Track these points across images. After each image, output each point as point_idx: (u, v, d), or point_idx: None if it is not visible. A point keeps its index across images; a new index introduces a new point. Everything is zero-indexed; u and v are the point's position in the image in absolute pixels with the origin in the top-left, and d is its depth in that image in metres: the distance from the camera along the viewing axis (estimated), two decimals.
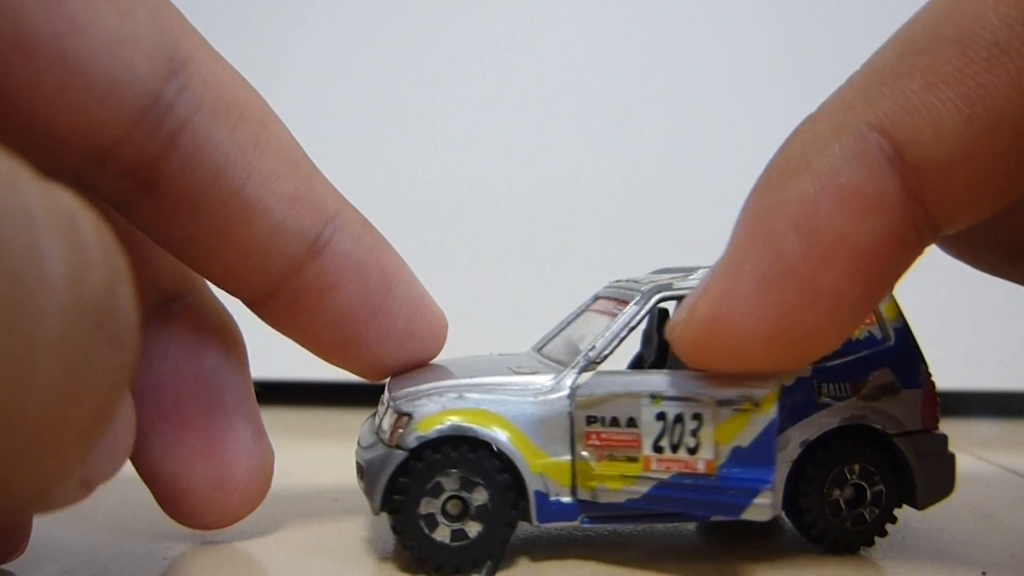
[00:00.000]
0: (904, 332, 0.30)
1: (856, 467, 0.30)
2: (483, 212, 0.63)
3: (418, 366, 0.32)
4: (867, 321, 0.30)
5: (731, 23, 0.62)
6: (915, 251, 0.23)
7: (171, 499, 0.30)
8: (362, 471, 0.29)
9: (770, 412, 0.25)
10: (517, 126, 0.63)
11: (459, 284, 0.60)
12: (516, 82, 0.63)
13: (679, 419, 0.27)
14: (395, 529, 0.28)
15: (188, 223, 0.26)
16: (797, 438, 0.29)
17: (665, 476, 0.27)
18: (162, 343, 0.30)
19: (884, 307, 0.30)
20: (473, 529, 0.28)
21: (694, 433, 0.26)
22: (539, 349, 0.34)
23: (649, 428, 0.27)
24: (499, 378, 0.29)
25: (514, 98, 0.63)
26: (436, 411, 0.28)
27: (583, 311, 0.34)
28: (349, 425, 0.36)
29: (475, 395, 0.29)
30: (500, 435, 0.28)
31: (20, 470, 0.15)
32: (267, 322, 0.30)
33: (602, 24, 0.63)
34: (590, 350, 0.29)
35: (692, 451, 0.27)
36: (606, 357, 0.29)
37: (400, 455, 0.28)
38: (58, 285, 0.14)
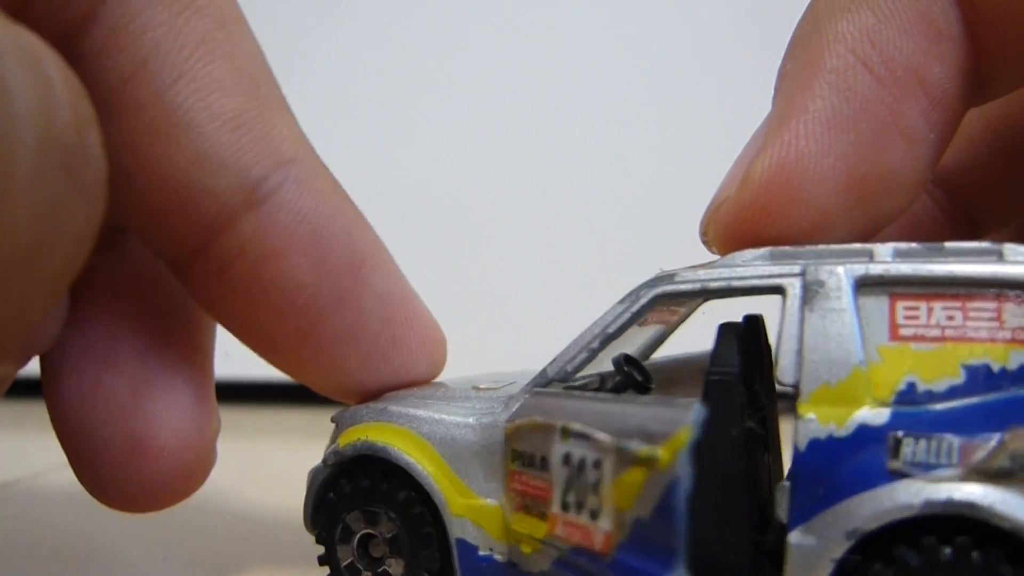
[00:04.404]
0: None
1: None
2: (483, 214, 0.62)
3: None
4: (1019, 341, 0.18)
5: (734, 23, 0.62)
6: (971, 98, 0.22)
7: (81, 460, 0.24)
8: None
9: (673, 469, 0.16)
10: (517, 126, 0.62)
11: (458, 290, 0.57)
12: (516, 82, 0.63)
13: (582, 466, 0.19)
14: (320, 560, 0.24)
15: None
16: (844, 525, 0.18)
17: (564, 548, 0.20)
18: (103, 259, 0.23)
19: None
20: (397, 570, 0.23)
21: (595, 489, 0.19)
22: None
23: (558, 474, 0.20)
24: (447, 394, 0.24)
25: (514, 98, 0.63)
26: (356, 424, 0.24)
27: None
28: None
29: (400, 409, 0.23)
30: (415, 462, 0.22)
31: None
32: (197, 299, 0.23)
33: (603, 23, 0.63)
34: (552, 363, 0.23)
35: (594, 515, 0.19)
36: (573, 373, 0.22)
37: (322, 471, 0.24)
38: (28, 120, 0.13)
